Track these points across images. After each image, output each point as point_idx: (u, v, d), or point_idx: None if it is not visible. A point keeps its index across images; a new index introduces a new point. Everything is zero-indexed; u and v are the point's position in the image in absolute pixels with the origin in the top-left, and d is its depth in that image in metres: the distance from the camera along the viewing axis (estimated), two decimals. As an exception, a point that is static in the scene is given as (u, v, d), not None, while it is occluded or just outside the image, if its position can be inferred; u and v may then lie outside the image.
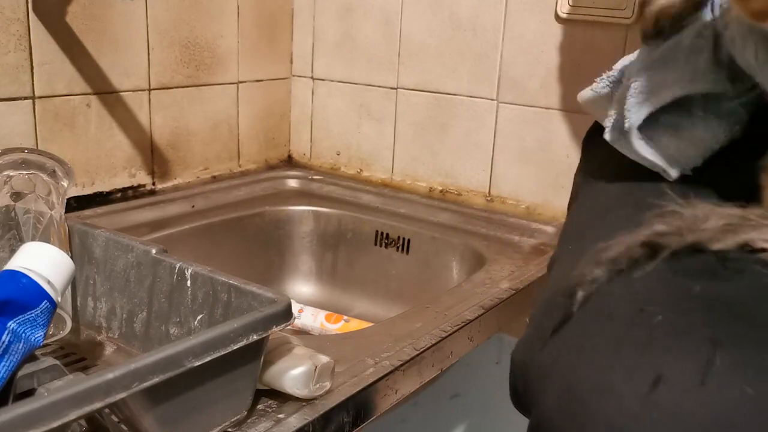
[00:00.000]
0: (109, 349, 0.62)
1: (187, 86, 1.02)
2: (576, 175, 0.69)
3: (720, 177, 0.51)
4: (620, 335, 0.41)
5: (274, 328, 0.49)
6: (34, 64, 0.83)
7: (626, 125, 0.52)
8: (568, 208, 0.64)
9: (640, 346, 0.40)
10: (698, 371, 0.37)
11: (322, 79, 1.17)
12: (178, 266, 0.58)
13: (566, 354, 0.43)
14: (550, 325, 0.46)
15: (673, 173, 0.52)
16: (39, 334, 0.48)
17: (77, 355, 0.61)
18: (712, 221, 0.42)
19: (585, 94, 0.60)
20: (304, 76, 1.19)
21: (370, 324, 0.83)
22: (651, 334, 0.40)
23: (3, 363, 0.45)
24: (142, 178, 0.99)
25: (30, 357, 0.48)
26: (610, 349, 0.41)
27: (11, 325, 0.46)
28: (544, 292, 0.52)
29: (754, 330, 0.38)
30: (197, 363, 0.44)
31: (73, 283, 0.62)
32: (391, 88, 1.10)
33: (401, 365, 0.60)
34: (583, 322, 0.44)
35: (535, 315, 0.51)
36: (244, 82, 1.11)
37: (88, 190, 0.92)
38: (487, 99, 1.02)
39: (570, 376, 0.41)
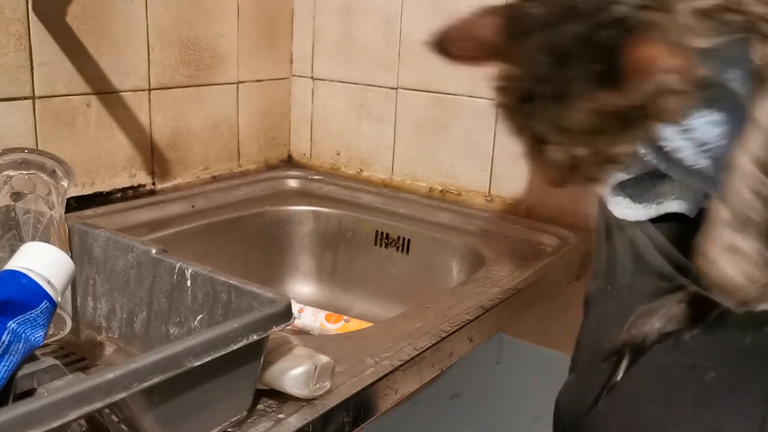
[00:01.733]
0: (109, 349, 0.62)
1: (187, 86, 1.02)
2: None
3: None
4: (673, 392, 0.41)
5: (274, 328, 0.49)
6: (34, 64, 0.83)
7: None
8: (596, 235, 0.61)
9: (694, 404, 0.40)
10: (753, 429, 0.38)
11: (322, 79, 1.17)
12: (178, 266, 0.58)
13: (620, 410, 0.43)
14: (601, 380, 0.46)
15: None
16: (39, 334, 0.48)
17: (77, 355, 0.61)
18: None
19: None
20: (304, 76, 1.19)
21: (370, 324, 0.83)
22: (705, 390, 0.40)
23: (3, 363, 0.46)
24: (142, 178, 0.99)
25: (30, 357, 0.48)
26: (663, 406, 0.41)
27: (11, 325, 0.46)
28: (586, 335, 0.51)
29: None
30: (197, 363, 0.44)
31: (73, 283, 0.62)
32: (391, 88, 1.10)
33: (401, 365, 0.60)
34: (636, 378, 0.44)
35: (581, 364, 0.50)
36: (244, 82, 1.11)
37: (88, 190, 0.92)
38: (487, 99, 1.02)
39: (620, 428, 0.42)
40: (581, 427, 0.49)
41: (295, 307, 0.90)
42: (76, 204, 0.89)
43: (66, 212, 0.64)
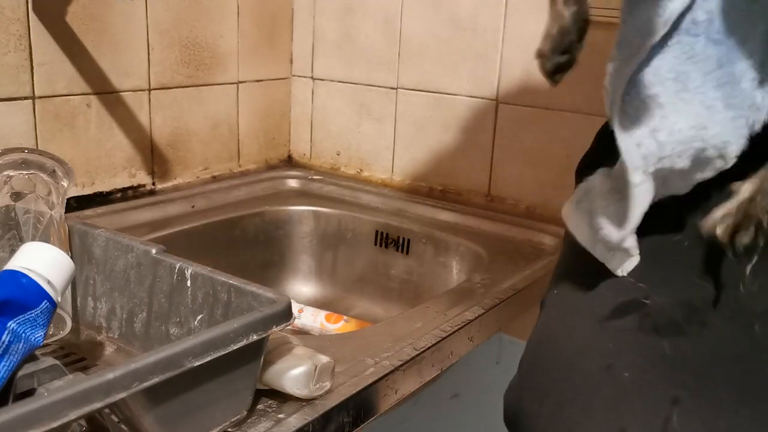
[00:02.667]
0: (109, 349, 0.62)
1: (187, 86, 1.02)
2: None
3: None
4: (591, 392, 0.43)
5: (274, 328, 0.49)
6: (34, 64, 0.83)
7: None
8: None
9: (608, 404, 0.42)
10: (657, 429, 0.39)
11: (322, 79, 1.17)
12: (178, 266, 0.58)
13: (547, 411, 0.45)
14: (531, 375, 0.49)
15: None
16: (39, 334, 0.48)
17: (77, 355, 0.61)
18: None
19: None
20: (304, 76, 1.19)
21: (370, 324, 0.83)
22: (619, 391, 0.42)
23: (3, 363, 0.46)
24: (142, 178, 0.99)
25: (30, 357, 0.48)
26: (581, 407, 0.42)
27: (11, 325, 0.46)
28: (531, 336, 0.53)
29: (711, 388, 0.40)
30: (197, 363, 0.44)
31: (73, 283, 0.62)
32: (391, 88, 1.10)
33: (401, 365, 0.60)
34: (558, 379, 0.45)
35: (523, 360, 0.52)
36: (244, 82, 1.11)
37: (88, 190, 0.92)
38: (487, 99, 1.02)
39: (546, 428, 0.44)
40: (514, 421, 0.50)
41: (295, 307, 0.90)
42: (76, 204, 0.89)
43: (66, 212, 0.64)
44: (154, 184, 1.00)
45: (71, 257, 0.55)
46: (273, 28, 1.15)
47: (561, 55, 0.51)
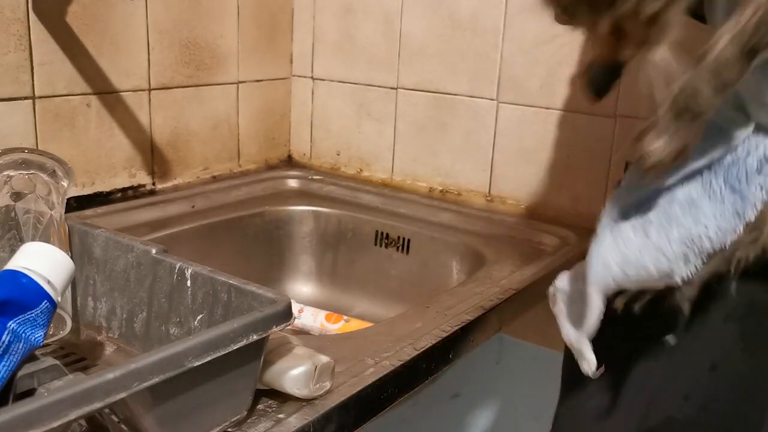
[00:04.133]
0: (109, 349, 0.62)
1: (187, 86, 1.02)
2: None
3: None
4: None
5: (274, 328, 0.49)
6: (34, 64, 0.83)
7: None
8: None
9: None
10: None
11: (322, 79, 1.17)
12: (178, 266, 0.58)
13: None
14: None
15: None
16: (39, 334, 0.48)
17: (77, 355, 0.61)
18: None
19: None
20: (304, 76, 1.19)
21: (370, 324, 0.83)
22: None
23: (3, 363, 0.46)
24: (142, 178, 0.99)
25: (30, 357, 0.48)
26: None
27: (11, 325, 0.46)
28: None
29: None
30: (197, 363, 0.44)
31: (73, 283, 0.62)
32: (391, 88, 1.10)
33: (401, 365, 0.60)
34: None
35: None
36: (244, 82, 1.11)
37: (88, 190, 0.92)
38: (487, 99, 1.02)
39: None
40: None
41: (295, 307, 0.90)
42: (76, 204, 0.89)
43: (66, 212, 0.64)
44: (154, 184, 1.00)
45: (71, 257, 0.55)
46: (273, 28, 1.15)
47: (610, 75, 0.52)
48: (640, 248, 0.44)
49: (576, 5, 0.42)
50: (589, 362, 0.47)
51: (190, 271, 0.57)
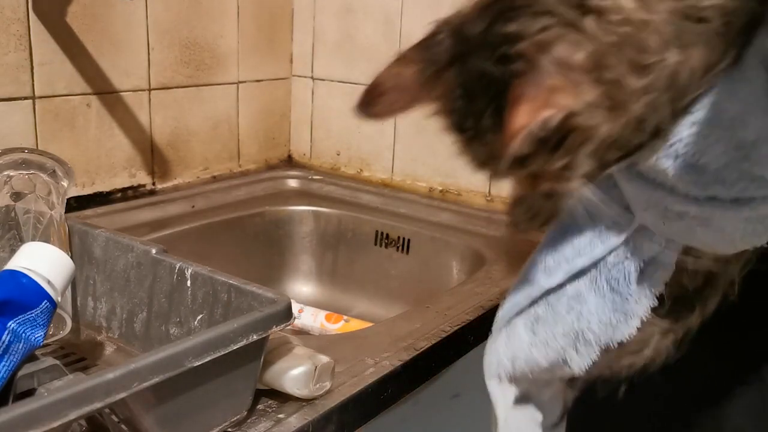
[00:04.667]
0: (109, 349, 0.62)
1: (187, 86, 1.02)
2: None
3: None
4: None
5: (274, 328, 0.49)
6: (34, 64, 0.83)
7: None
8: None
9: None
10: None
11: (322, 79, 1.17)
12: (178, 266, 0.58)
13: None
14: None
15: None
16: (39, 334, 0.48)
17: (77, 355, 0.61)
18: None
19: None
20: (304, 76, 1.19)
21: (370, 324, 0.83)
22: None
23: (3, 363, 0.46)
24: (142, 178, 0.99)
25: (30, 357, 0.48)
26: None
27: (11, 325, 0.46)
28: None
29: None
30: (197, 363, 0.44)
31: (73, 283, 0.62)
32: (391, 88, 1.10)
33: (401, 365, 0.60)
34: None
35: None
36: (244, 82, 1.11)
37: (88, 190, 0.92)
38: (487, 99, 1.02)
39: None
40: None
41: (295, 307, 0.90)
42: (76, 204, 0.89)
43: (66, 212, 0.64)
44: (154, 184, 1.00)
45: (71, 257, 0.55)
46: (273, 28, 1.15)
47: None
48: (530, 344, 0.47)
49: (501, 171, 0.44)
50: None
51: (190, 271, 0.57)
